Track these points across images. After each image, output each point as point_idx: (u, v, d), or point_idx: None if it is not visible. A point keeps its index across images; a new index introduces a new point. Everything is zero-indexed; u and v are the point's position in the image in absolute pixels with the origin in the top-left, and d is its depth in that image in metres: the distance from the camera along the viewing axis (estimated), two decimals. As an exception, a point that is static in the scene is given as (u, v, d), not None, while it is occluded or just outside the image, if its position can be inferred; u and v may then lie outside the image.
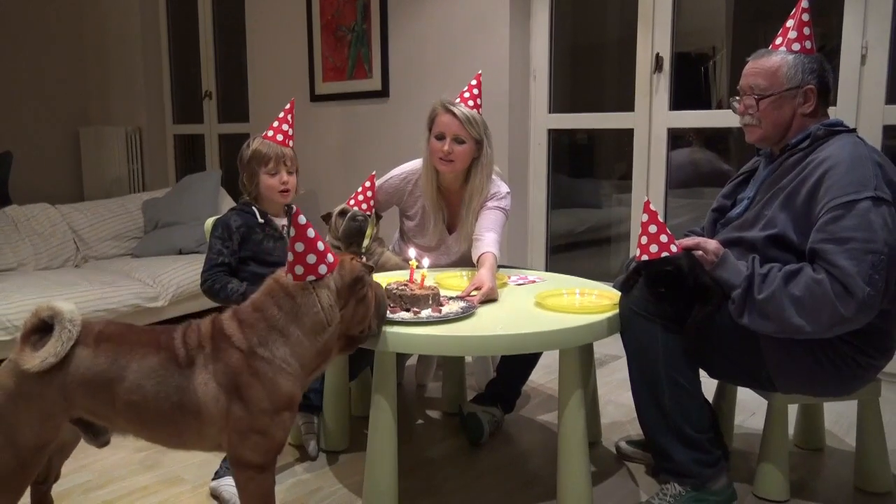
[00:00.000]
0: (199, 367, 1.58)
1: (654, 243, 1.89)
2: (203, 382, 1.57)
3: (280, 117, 2.50)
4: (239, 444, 1.59)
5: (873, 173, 1.79)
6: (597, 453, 2.43)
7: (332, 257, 1.68)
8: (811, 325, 1.74)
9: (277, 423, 1.61)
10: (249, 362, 1.58)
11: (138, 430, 1.63)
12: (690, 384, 1.97)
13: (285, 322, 1.62)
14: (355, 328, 1.74)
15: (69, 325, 1.57)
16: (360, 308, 1.71)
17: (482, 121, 2.52)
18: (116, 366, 1.58)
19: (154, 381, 1.57)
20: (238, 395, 1.57)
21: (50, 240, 4.04)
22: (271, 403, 1.59)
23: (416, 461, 2.39)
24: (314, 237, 1.63)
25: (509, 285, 2.41)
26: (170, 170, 5.94)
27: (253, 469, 1.62)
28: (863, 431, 2.13)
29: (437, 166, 2.54)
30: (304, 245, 1.63)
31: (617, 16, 4.08)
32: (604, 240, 4.33)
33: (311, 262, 1.64)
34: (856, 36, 3.01)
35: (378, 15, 4.22)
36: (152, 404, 1.57)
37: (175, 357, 1.59)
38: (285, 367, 1.61)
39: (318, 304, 1.63)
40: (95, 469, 2.32)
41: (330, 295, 1.65)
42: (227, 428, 1.59)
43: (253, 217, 2.42)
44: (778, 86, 1.97)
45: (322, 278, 1.65)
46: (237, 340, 1.60)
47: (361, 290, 1.70)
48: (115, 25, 5.81)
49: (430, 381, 3.10)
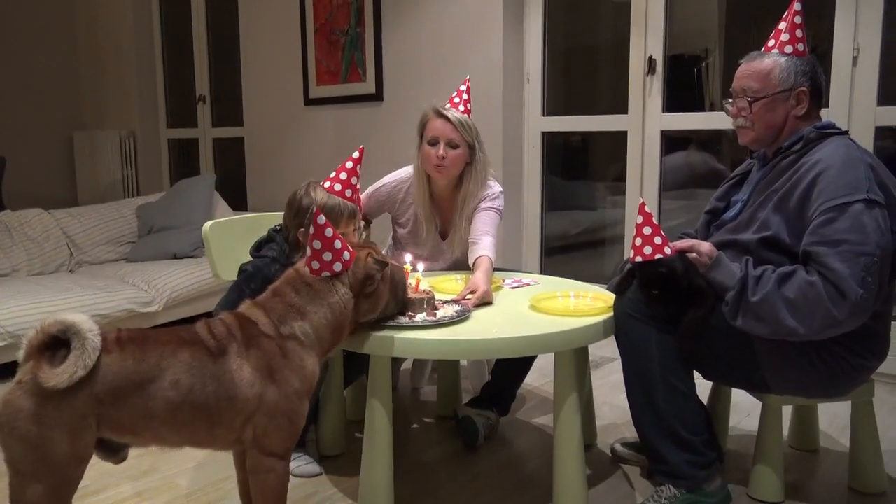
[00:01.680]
0: (232, 355, 1.61)
1: (648, 245, 1.89)
2: (238, 368, 1.60)
3: (348, 168, 2.25)
4: (268, 429, 1.62)
5: (866, 176, 1.80)
6: (592, 456, 2.43)
7: (349, 255, 1.77)
8: (804, 327, 1.75)
9: (303, 407, 1.68)
10: (280, 344, 1.65)
11: (169, 432, 1.60)
12: (685, 386, 1.97)
13: (303, 303, 1.71)
14: (364, 317, 1.84)
15: (90, 334, 1.51)
16: (368, 302, 1.81)
17: (474, 125, 2.52)
18: (147, 365, 1.55)
19: (190, 374, 1.57)
20: (272, 378, 1.62)
21: (44, 245, 4.03)
22: (301, 384, 1.66)
23: (412, 465, 2.39)
24: (332, 236, 1.73)
25: (504, 288, 2.42)
26: (164, 174, 5.93)
27: (275, 458, 1.65)
28: (856, 432, 2.14)
29: (430, 173, 2.53)
30: (322, 244, 1.73)
31: (610, 19, 4.09)
32: (598, 242, 4.33)
33: (328, 259, 1.74)
34: (847, 38, 3.03)
35: (372, 19, 4.22)
36: (189, 398, 1.56)
37: (206, 348, 1.61)
38: (306, 342, 1.68)
39: (335, 292, 1.74)
40: (90, 475, 2.29)
41: (343, 287, 1.75)
42: (257, 414, 1.61)
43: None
44: (770, 88, 1.98)
45: (338, 275, 1.75)
46: (264, 326, 1.66)
47: (370, 287, 1.79)
48: (108, 30, 5.80)
49: (425, 384, 3.10)
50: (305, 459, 2.32)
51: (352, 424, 2.62)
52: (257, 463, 1.66)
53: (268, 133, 4.95)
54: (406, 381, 3.13)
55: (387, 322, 1.93)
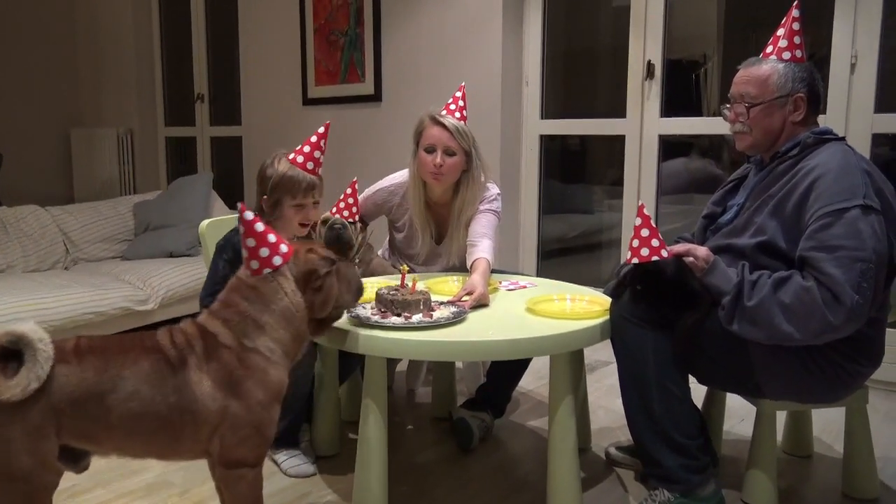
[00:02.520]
0: (191, 367, 1.57)
1: (645, 247, 1.90)
2: (198, 381, 1.57)
3: (312, 142, 2.35)
4: (234, 442, 1.59)
5: (862, 182, 1.80)
6: (587, 459, 2.43)
7: (287, 247, 1.70)
8: (800, 333, 1.75)
9: (271, 416, 1.64)
10: (240, 356, 1.60)
11: (131, 443, 1.58)
12: (680, 390, 1.98)
13: (257, 312, 1.64)
14: (320, 313, 1.74)
15: (41, 344, 1.48)
16: (319, 296, 1.72)
17: (470, 132, 2.50)
18: (108, 376, 1.53)
19: (150, 385, 1.54)
20: (234, 391, 1.58)
21: (39, 242, 4.02)
22: (266, 395, 1.61)
23: (406, 466, 2.39)
24: (263, 230, 1.67)
25: (500, 290, 2.42)
26: (161, 172, 5.92)
27: (246, 467, 1.62)
28: (850, 438, 2.14)
29: (427, 180, 2.52)
30: (256, 240, 1.66)
31: (609, 23, 4.10)
32: (595, 245, 4.33)
33: (265, 255, 1.66)
34: (845, 45, 3.04)
35: (371, 19, 4.22)
36: (150, 409, 1.54)
37: (167, 358, 1.58)
38: (270, 356, 1.63)
39: (282, 290, 1.66)
40: (83, 473, 2.30)
41: (289, 283, 1.67)
42: (222, 427, 1.58)
43: None
44: (768, 94, 1.98)
45: (278, 269, 1.67)
46: (223, 337, 1.61)
47: (316, 282, 1.71)
48: (107, 27, 5.79)
49: (420, 386, 3.10)
50: (300, 460, 2.31)
51: (346, 425, 2.61)
52: (225, 475, 1.63)
53: (266, 132, 4.94)
54: (401, 382, 3.13)
55: (345, 313, 1.87)
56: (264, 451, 1.66)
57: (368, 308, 2.09)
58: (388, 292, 2.06)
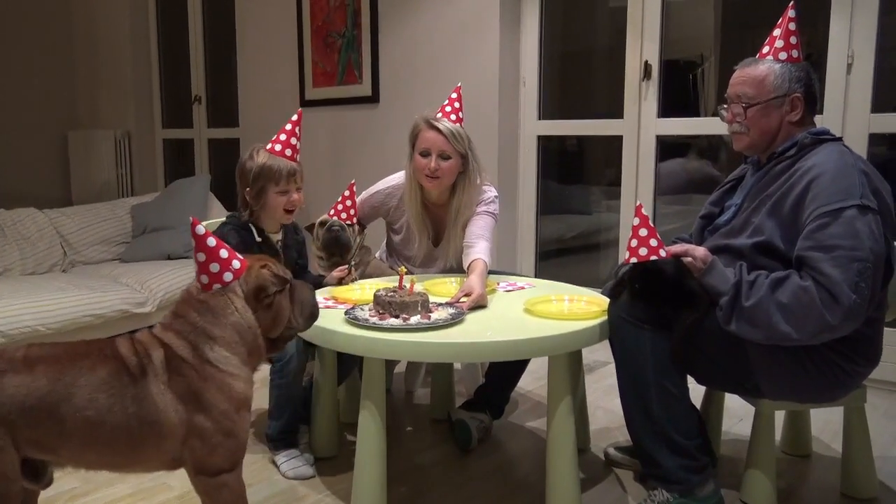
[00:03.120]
0: (151, 378, 1.54)
1: (643, 246, 1.90)
2: (159, 392, 1.54)
3: (287, 130, 2.41)
4: (206, 451, 1.57)
5: (859, 182, 1.80)
6: (585, 459, 2.43)
7: (239, 263, 1.67)
8: (798, 333, 1.75)
9: (240, 422, 1.62)
10: (196, 368, 1.58)
11: (90, 453, 1.54)
12: (678, 390, 1.98)
13: (208, 325, 1.61)
14: (272, 332, 1.71)
15: None
16: (269, 314, 1.68)
17: (466, 135, 2.51)
18: (62, 384, 1.49)
19: (108, 393, 1.50)
20: (196, 402, 1.56)
21: (37, 244, 4.02)
22: (229, 404, 1.59)
23: (405, 468, 2.39)
24: (216, 245, 1.63)
25: (498, 291, 2.42)
26: (159, 174, 5.91)
27: (224, 473, 1.61)
28: (849, 438, 2.15)
29: (423, 183, 2.53)
30: (206, 255, 1.63)
31: (606, 23, 4.10)
32: (593, 246, 4.33)
33: (215, 270, 1.63)
34: (842, 45, 3.04)
35: (368, 21, 4.22)
36: (108, 418, 1.50)
37: (126, 367, 1.54)
38: (227, 368, 1.60)
39: (232, 306, 1.63)
40: (81, 475, 2.29)
41: (239, 299, 1.64)
42: (190, 439, 1.56)
43: (250, 235, 2.37)
44: (765, 94, 1.98)
45: (228, 285, 1.64)
46: (178, 349, 1.59)
47: (266, 299, 1.67)
48: (104, 29, 5.78)
49: (418, 387, 3.10)
50: (299, 461, 2.31)
51: (345, 427, 2.61)
52: (207, 484, 1.61)
53: (263, 134, 4.88)
54: (400, 383, 3.13)
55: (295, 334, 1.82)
56: (240, 456, 1.65)
57: (367, 309, 2.09)
58: (385, 294, 2.06)
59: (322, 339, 2.03)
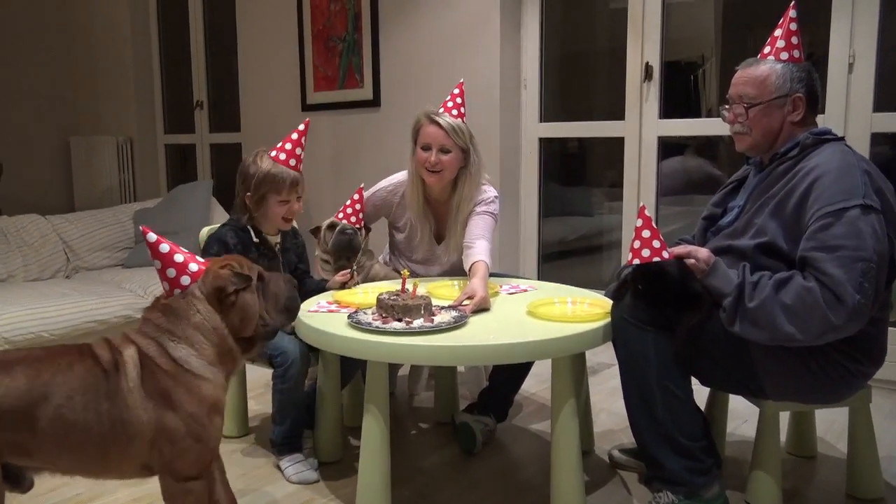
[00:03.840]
0: (123, 375, 1.57)
1: (646, 248, 1.90)
2: (129, 391, 1.56)
3: (293, 139, 2.42)
4: (174, 454, 1.59)
5: (862, 181, 1.80)
6: (590, 462, 2.43)
7: (197, 266, 1.69)
8: (802, 333, 1.75)
9: (210, 427, 1.63)
10: (165, 367, 1.60)
11: (61, 454, 1.55)
12: (682, 392, 1.97)
13: (172, 326, 1.64)
14: (243, 331, 1.71)
15: None
16: (236, 314, 1.69)
17: (467, 129, 2.52)
18: (39, 382, 1.51)
19: (83, 390, 1.53)
20: (165, 402, 1.58)
21: (40, 251, 4.02)
22: (198, 407, 1.61)
23: (409, 471, 2.39)
24: (169, 251, 1.66)
25: (501, 294, 2.41)
26: (161, 180, 5.92)
27: (191, 480, 1.62)
28: (854, 438, 2.14)
29: (424, 177, 2.54)
30: (161, 261, 1.66)
31: (607, 25, 4.10)
32: (595, 248, 4.33)
33: (172, 275, 1.67)
34: (843, 45, 3.04)
35: (369, 25, 4.23)
36: (82, 416, 1.52)
37: (101, 366, 1.57)
38: (195, 370, 1.62)
39: (194, 308, 1.65)
40: (85, 482, 2.29)
41: (200, 301, 1.66)
42: (159, 440, 1.58)
43: (248, 236, 2.39)
44: (767, 94, 1.98)
45: (187, 288, 1.67)
46: (148, 349, 1.62)
47: (228, 298, 1.67)
48: (106, 35, 5.80)
49: (422, 390, 3.09)
50: (303, 466, 2.31)
51: (349, 431, 2.61)
52: (171, 487, 1.62)
53: (265, 139, 4.91)
54: (403, 387, 3.12)
55: (278, 332, 1.82)
56: (207, 463, 1.65)
57: (370, 313, 2.09)
58: (388, 297, 2.06)
59: (325, 342, 2.03)
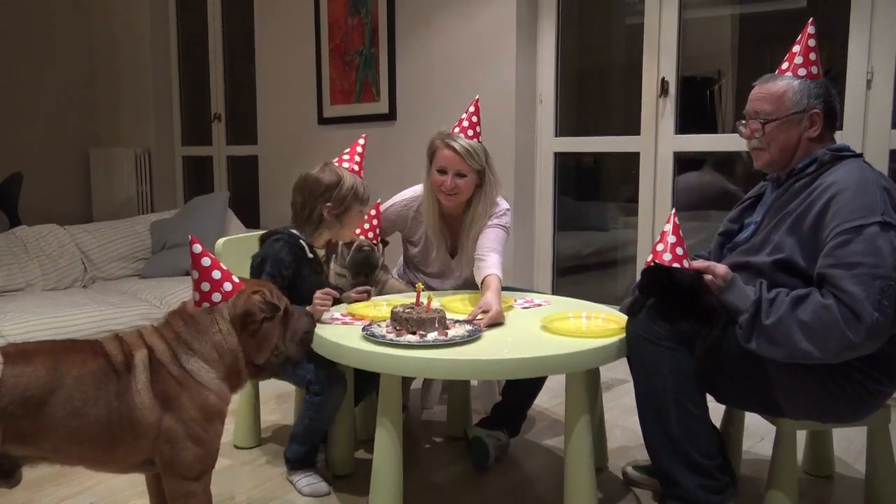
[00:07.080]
0: (133, 375, 1.60)
1: (668, 252, 1.89)
2: (138, 390, 1.59)
3: (359, 152, 2.48)
4: (172, 454, 1.61)
5: (880, 198, 1.79)
6: (603, 478, 2.40)
7: (231, 286, 1.71)
8: (819, 351, 1.73)
9: (210, 432, 1.65)
10: (174, 373, 1.63)
11: (69, 445, 1.57)
12: (698, 409, 1.96)
13: (190, 337, 1.67)
14: (257, 358, 1.74)
15: None
16: (255, 340, 1.72)
17: (482, 149, 2.52)
18: (57, 374, 1.55)
19: (96, 386, 1.56)
20: (169, 404, 1.61)
21: (58, 260, 4.06)
22: (200, 413, 1.63)
23: (421, 485, 2.38)
24: (210, 265, 1.69)
25: (515, 308, 2.41)
26: (178, 191, 5.98)
27: (191, 481, 1.64)
28: (872, 458, 2.11)
29: (441, 199, 2.56)
30: (199, 273, 1.70)
31: (623, 40, 4.11)
32: (610, 263, 4.32)
33: (205, 289, 1.70)
34: (861, 61, 3.02)
35: (386, 39, 4.26)
36: (93, 411, 1.55)
37: (113, 364, 1.60)
38: (203, 380, 1.64)
39: (216, 326, 1.68)
40: (98, 491, 2.30)
41: (224, 321, 1.69)
42: (159, 441, 1.61)
43: (302, 251, 2.33)
44: (784, 110, 1.97)
45: (216, 305, 1.70)
46: (160, 353, 1.64)
47: (252, 325, 1.70)
48: (125, 48, 5.88)
49: (435, 404, 3.09)
50: (315, 479, 2.31)
51: (361, 444, 2.60)
52: (174, 488, 1.64)
53: (281, 151, 4.98)
54: (416, 400, 3.11)
55: (289, 362, 1.83)
56: (208, 466, 1.67)
57: (384, 326, 2.09)
58: (403, 310, 2.06)
59: (338, 355, 2.03)
